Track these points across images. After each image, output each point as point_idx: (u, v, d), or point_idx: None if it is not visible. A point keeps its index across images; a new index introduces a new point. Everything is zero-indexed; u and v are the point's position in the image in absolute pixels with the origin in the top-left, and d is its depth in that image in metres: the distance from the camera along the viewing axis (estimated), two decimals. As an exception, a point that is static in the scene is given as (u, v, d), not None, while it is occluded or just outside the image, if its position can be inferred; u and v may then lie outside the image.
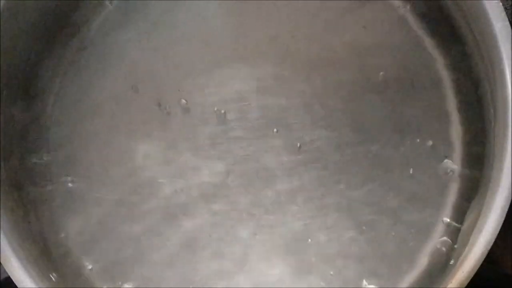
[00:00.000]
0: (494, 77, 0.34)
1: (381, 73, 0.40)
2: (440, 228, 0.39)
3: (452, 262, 0.37)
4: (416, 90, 0.40)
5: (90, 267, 0.40)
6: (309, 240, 0.40)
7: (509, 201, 0.32)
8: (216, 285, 0.40)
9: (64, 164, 0.41)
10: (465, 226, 0.38)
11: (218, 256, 0.40)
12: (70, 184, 0.40)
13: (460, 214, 0.39)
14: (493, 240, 0.32)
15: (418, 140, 0.40)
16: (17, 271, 0.34)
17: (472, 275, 0.32)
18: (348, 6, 0.40)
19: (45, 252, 0.39)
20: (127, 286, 0.40)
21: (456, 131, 0.40)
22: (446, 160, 0.40)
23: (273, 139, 0.40)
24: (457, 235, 0.38)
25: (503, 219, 0.32)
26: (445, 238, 0.39)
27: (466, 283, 0.32)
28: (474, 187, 0.38)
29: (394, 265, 0.39)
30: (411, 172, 0.40)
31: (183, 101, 0.41)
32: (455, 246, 0.38)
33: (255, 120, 0.41)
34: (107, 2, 0.41)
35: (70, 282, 0.39)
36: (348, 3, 0.40)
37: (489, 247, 0.32)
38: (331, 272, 0.40)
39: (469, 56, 0.38)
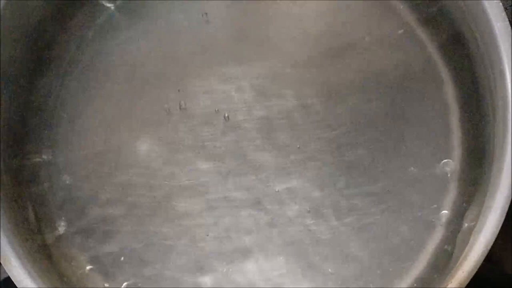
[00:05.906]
0: (494, 77, 0.34)
1: (381, 72, 0.40)
2: (440, 228, 0.39)
3: (452, 262, 0.37)
4: (416, 90, 0.40)
5: (90, 266, 0.40)
6: (309, 239, 0.40)
7: (509, 201, 0.32)
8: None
9: (64, 164, 0.41)
10: (465, 226, 0.38)
11: (217, 256, 0.40)
12: (69, 184, 0.40)
13: (460, 214, 0.39)
14: (493, 240, 0.32)
15: (417, 140, 0.40)
16: (17, 271, 0.34)
17: (472, 275, 0.32)
18: (347, 6, 0.40)
19: (44, 252, 0.39)
20: (127, 285, 0.40)
21: (456, 131, 0.40)
22: (446, 160, 0.40)
23: (273, 139, 0.40)
24: (457, 235, 0.38)
25: (503, 219, 0.32)
26: (445, 238, 0.39)
27: (466, 283, 0.32)
28: (474, 187, 0.38)
29: (394, 264, 0.39)
30: (411, 171, 0.40)
31: (183, 101, 0.41)
32: (455, 246, 0.38)
33: (255, 120, 0.41)
34: (108, 3, 0.41)
35: (70, 282, 0.39)
36: (347, 3, 0.40)
37: (489, 247, 0.32)
38: (331, 271, 0.40)
39: (469, 56, 0.38)
